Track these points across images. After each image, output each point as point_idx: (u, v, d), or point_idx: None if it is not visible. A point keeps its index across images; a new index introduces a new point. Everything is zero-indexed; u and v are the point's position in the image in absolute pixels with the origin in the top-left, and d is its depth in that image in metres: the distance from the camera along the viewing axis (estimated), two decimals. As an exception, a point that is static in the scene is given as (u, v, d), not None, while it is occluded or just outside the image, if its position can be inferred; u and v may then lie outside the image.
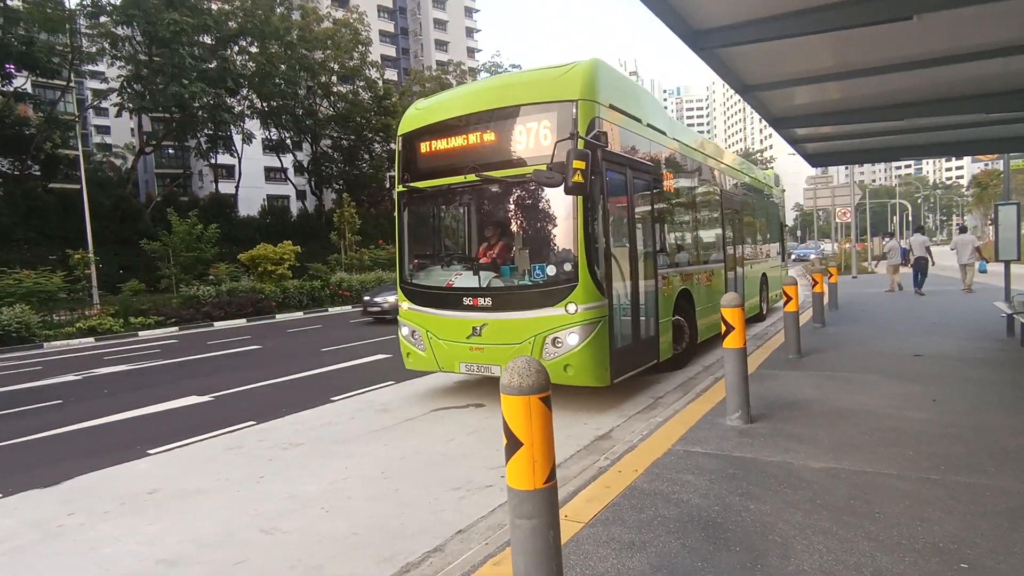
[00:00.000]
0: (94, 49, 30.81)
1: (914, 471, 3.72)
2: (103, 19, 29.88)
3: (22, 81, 30.47)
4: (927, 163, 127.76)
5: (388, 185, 44.21)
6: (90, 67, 33.39)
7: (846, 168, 30.55)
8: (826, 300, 11.24)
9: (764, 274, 12.59)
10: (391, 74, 54.52)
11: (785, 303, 7.58)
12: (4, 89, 28.58)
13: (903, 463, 3.86)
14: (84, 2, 29.25)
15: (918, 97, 6.44)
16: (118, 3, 29.27)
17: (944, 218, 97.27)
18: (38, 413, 7.60)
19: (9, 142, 28.76)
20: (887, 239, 21.48)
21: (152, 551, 3.55)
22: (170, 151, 48.35)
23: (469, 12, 76.07)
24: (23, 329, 15.29)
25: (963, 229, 17.84)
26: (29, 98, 31.65)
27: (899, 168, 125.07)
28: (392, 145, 40.87)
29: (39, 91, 34.80)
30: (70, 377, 10.25)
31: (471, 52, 73.32)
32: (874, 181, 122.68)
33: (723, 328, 4.80)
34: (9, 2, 26.65)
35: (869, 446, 4.21)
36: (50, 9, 27.42)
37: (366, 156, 43.30)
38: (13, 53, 26.22)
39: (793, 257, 33.52)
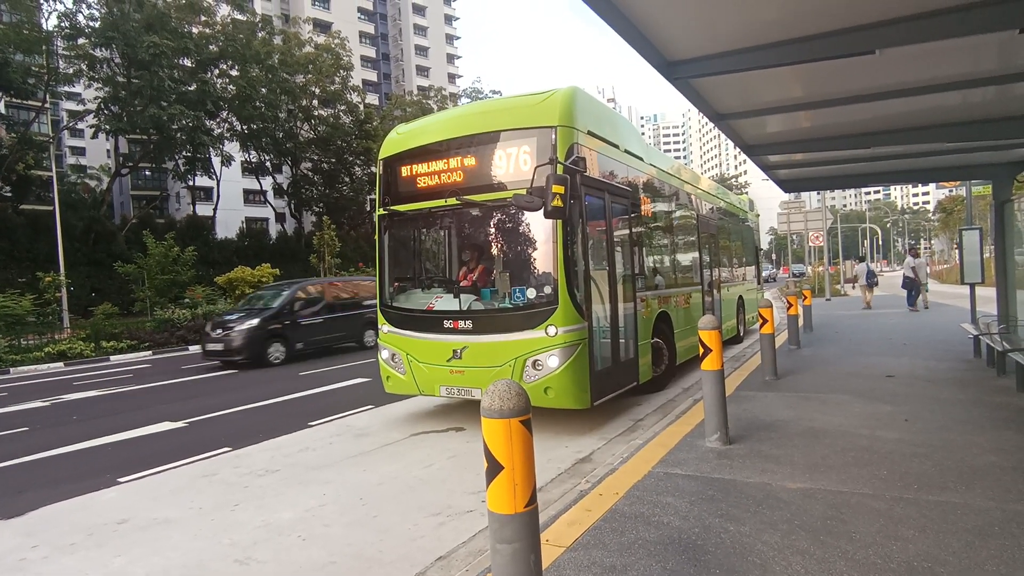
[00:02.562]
0: (71, 70, 30.58)
1: (887, 490, 3.79)
2: (81, 41, 29.73)
3: (-5, 101, 30.06)
4: (895, 189, 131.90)
5: (368, 208, 44.23)
6: (67, 88, 33.13)
7: (818, 193, 31.39)
8: (801, 322, 11.45)
9: (741, 297, 12.80)
10: (372, 98, 54.90)
11: (761, 325, 7.71)
12: (-25, 110, 28.16)
13: (877, 482, 3.93)
14: (62, 24, 29.10)
15: (883, 126, 6.70)
16: (97, 25, 29.18)
17: (913, 242, 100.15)
18: (2, 441, 7.35)
19: (-21, 163, 28.24)
20: (858, 262, 22.58)
21: (120, 584, 3.45)
22: (147, 173, 47.86)
23: (450, 39, 77.26)
24: (-12, 354, 14.86)
25: (916, 254, 19.87)
26: (2, 119, 31.18)
27: (868, 194, 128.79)
28: (373, 168, 40.99)
29: (13, 111, 34.31)
30: (38, 403, 9.95)
31: (452, 78, 74.27)
32: (845, 206, 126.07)
33: (701, 350, 4.87)
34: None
35: (844, 466, 4.28)
36: (26, 30, 27.19)
37: (346, 179, 43.35)
38: (-14, 74, 25.90)
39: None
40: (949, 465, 4.20)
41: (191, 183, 39.02)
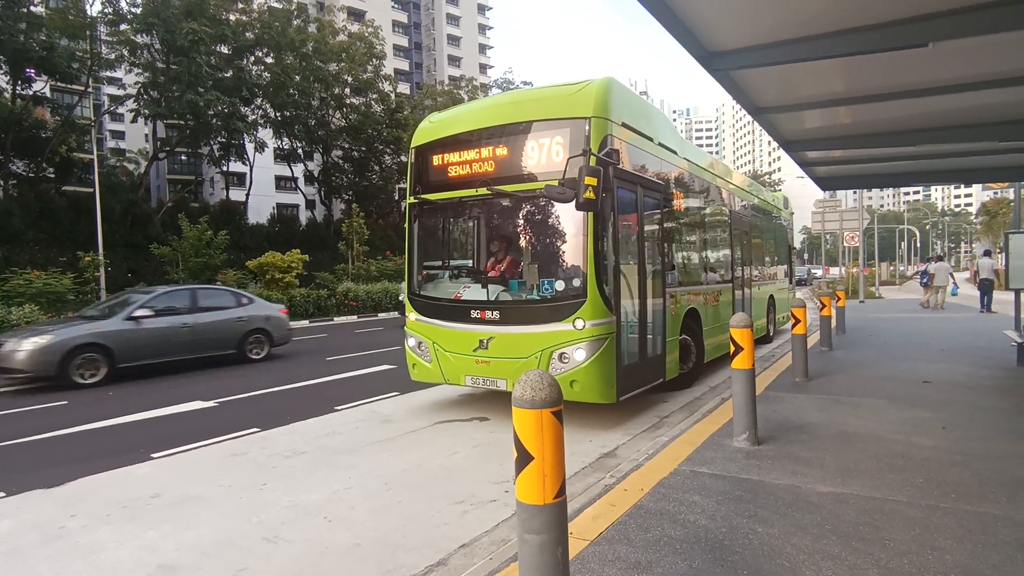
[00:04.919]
0: (113, 56, 31.30)
1: (924, 498, 3.68)
2: (123, 27, 30.40)
3: (41, 85, 30.95)
4: (936, 189, 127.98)
5: (397, 197, 44.49)
6: (108, 73, 33.93)
7: (854, 192, 30.61)
8: (833, 324, 11.18)
9: (771, 296, 12.56)
10: (404, 88, 55.10)
11: (793, 325, 7.55)
12: (23, 93, 29.05)
13: (912, 490, 3.82)
14: (105, 10, 29.80)
15: (930, 123, 6.47)
16: (139, 11, 29.82)
17: (952, 245, 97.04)
18: (44, 414, 7.62)
19: (26, 145, 29.16)
20: (928, 264, 22.04)
21: (153, 557, 3.54)
22: (183, 157, 48.84)
23: (482, 29, 77.05)
24: (31, 330, 15.35)
25: (939, 257, 20.50)
26: (47, 102, 32.15)
27: (907, 194, 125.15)
28: (402, 157, 41.22)
29: (57, 95, 35.31)
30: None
31: (483, 68, 74.13)
32: (882, 206, 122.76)
33: (732, 348, 4.78)
34: (33, 8, 27.18)
35: (877, 471, 4.17)
36: (72, 16, 27.91)
37: (376, 168, 43.63)
38: (34, 58, 26.67)
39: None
40: (989, 475, 4.06)
41: (225, 169, 39.71)
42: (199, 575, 3.31)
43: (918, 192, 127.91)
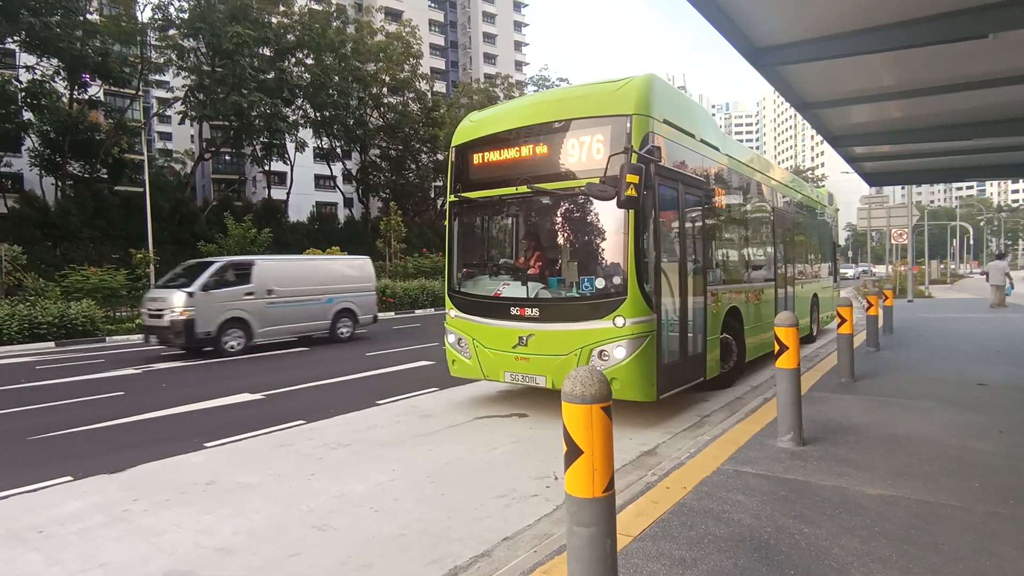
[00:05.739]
0: (162, 60, 32.53)
1: (979, 503, 3.57)
2: (171, 32, 31.56)
3: (95, 90, 32.36)
4: (991, 184, 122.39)
5: (433, 195, 45.03)
6: (157, 77, 35.21)
7: (902, 188, 29.57)
8: (880, 323, 10.85)
9: (815, 295, 12.26)
10: (440, 86, 55.57)
11: (839, 325, 7.37)
12: (79, 97, 30.44)
13: (967, 495, 3.71)
14: (155, 16, 31.00)
15: (986, 116, 6.24)
16: (186, 17, 30.91)
17: (1009, 242, 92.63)
18: (104, 403, 8.01)
19: (81, 147, 30.59)
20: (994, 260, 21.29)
21: (210, 540, 3.70)
22: (227, 157, 50.31)
23: (518, 26, 77.07)
24: (88, 323, 16.09)
25: (999, 255, 19.89)
26: (101, 105, 33.62)
27: (959, 189, 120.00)
28: (439, 156, 41.68)
29: (110, 99, 36.87)
30: (130, 371, 10.75)
31: (519, 65, 74.19)
32: (932, 202, 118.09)
33: (776, 347, 4.71)
34: (88, 16, 28.46)
35: (929, 475, 4.06)
36: (124, 23, 29.14)
37: (413, 166, 44.21)
38: (89, 63, 27.95)
39: None
40: (1051, 482, 3.91)
41: (267, 168, 40.82)
42: (254, 559, 3.45)
43: (971, 187, 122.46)
